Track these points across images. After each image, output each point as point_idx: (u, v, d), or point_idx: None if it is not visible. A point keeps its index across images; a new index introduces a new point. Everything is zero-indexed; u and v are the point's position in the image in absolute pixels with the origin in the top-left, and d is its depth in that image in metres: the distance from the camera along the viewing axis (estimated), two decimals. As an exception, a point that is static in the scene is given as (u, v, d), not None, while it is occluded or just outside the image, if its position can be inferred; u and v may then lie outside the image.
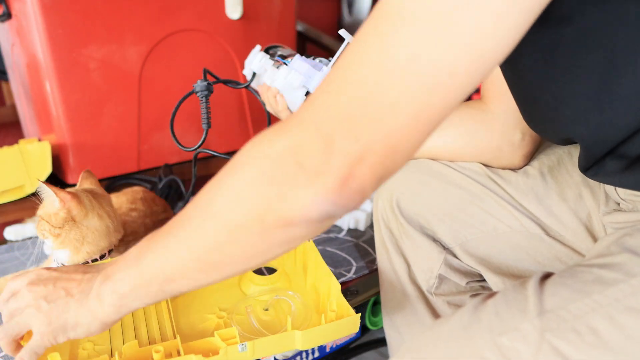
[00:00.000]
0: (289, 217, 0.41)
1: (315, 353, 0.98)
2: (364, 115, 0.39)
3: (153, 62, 1.24)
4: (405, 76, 0.38)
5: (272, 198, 0.41)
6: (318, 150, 0.40)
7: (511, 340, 0.43)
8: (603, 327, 0.42)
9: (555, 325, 0.43)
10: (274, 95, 0.83)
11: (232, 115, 1.42)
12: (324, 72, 0.74)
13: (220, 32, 1.31)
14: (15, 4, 1.14)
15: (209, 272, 0.48)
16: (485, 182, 0.73)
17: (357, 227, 1.21)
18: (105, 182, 1.28)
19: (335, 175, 0.40)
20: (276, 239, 0.44)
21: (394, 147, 0.40)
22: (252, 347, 0.66)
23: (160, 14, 1.21)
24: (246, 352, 0.65)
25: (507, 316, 0.45)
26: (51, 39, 1.10)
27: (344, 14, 2.21)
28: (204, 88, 0.92)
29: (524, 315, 0.44)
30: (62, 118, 1.17)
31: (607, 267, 0.46)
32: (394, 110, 0.39)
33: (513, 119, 0.71)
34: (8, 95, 1.52)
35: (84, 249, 0.80)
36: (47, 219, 0.78)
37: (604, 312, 0.42)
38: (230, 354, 0.65)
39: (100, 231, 0.81)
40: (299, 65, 0.76)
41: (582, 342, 0.41)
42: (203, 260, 0.47)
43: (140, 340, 0.72)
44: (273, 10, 1.39)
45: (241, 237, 0.44)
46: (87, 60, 1.15)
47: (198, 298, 0.82)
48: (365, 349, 1.07)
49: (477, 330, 0.45)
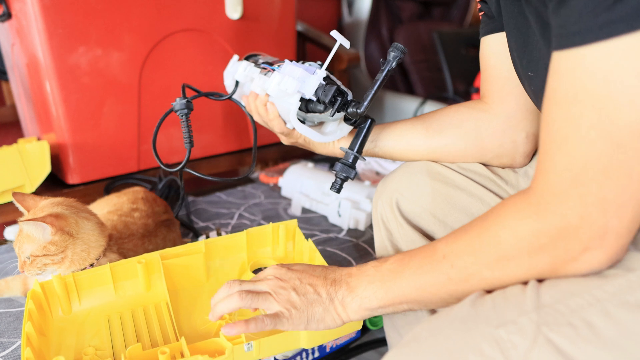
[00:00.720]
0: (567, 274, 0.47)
1: (315, 353, 0.98)
2: (619, 187, 0.42)
3: (153, 62, 1.24)
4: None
5: (553, 264, 0.47)
6: (591, 227, 0.44)
7: (508, 333, 0.44)
8: (599, 321, 0.42)
9: (552, 319, 0.43)
10: (264, 104, 0.78)
11: (232, 116, 1.42)
12: (318, 75, 0.70)
13: (220, 32, 1.31)
14: (15, 4, 1.14)
15: (459, 298, 0.52)
16: (487, 183, 0.73)
17: (357, 227, 1.21)
18: (105, 182, 1.28)
19: (609, 245, 0.44)
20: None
21: None
22: (258, 346, 0.65)
23: (160, 14, 1.21)
24: (252, 352, 0.65)
25: (504, 310, 0.46)
26: (51, 39, 1.10)
27: (344, 14, 2.21)
28: (183, 106, 0.89)
29: (521, 308, 0.45)
30: (62, 118, 1.17)
31: None
32: None
33: (516, 118, 0.71)
34: (8, 95, 1.52)
35: (92, 254, 0.79)
36: (45, 253, 0.75)
37: (600, 307, 0.43)
38: (236, 354, 0.65)
39: (96, 230, 0.81)
40: (291, 70, 0.72)
41: (578, 335, 0.42)
42: (458, 292, 0.52)
43: (143, 343, 0.72)
44: (273, 10, 1.39)
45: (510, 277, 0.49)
46: (87, 60, 1.15)
47: (199, 300, 0.82)
48: (365, 349, 1.07)
49: (474, 323, 0.46)
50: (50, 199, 0.82)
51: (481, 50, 0.74)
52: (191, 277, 0.85)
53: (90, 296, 0.79)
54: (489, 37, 0.72)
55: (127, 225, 0.94)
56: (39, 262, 0.75)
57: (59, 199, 0.83)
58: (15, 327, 0.85)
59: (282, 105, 0.75)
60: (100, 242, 0.81)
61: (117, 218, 0.95)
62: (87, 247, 0.79)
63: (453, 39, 2.14)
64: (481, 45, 0.74)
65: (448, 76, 2.09)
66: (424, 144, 0.77)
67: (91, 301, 0.79)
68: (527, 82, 0.62)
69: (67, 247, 0.76)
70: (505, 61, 0.70)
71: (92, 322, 0.77)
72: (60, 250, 0.75)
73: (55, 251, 0.75)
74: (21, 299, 0.92)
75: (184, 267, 0.83)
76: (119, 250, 0.87)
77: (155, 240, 0.96)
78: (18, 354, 0.78)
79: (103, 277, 0.78)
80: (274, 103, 0.77)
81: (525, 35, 0.58)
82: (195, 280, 0.85)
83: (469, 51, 2.16)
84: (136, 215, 0.97)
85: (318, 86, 0.71)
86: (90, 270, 0.78)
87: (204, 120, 1.37)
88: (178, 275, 0.83)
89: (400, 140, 0.78)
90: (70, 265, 0.78)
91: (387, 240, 0.78)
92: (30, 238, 0.75)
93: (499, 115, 0.72)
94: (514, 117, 0.72)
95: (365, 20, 2.12)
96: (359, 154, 0.75)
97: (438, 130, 0.76)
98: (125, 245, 0.90)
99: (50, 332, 0.74)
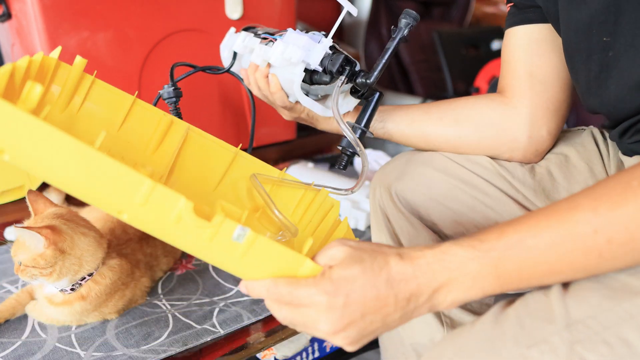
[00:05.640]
0: None
1: (315, 353, 0.98)
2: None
3: (153, 62, 1.24)
4: None
5: None
6: None
7: (540, 354, 0.42)
8: (635, 338, 0.40)
9: (585, 337, 0.41)
10: (265, 76, 0.73)
11: (232, 115, 1.42)
12: (324, 43, 0.66)
13: (221, 32, 1.31)
14: (15, 4, 1.14)
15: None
16: (491, 177, 0.73)
17: (356, 227, 1.21)
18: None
19: None
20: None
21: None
22: (252, 240, 0.47)
23: (160, 14, 1.21)
24: (239, 245, 0.48)
25: (532, 327, 0.43)
26: (51, 39, 1.10)
27: (344, 14, 2.21)
28: (171, 94, 0.82)
29: (551, 326, 0.43)
30: (62, 118, 1.17)
31: (634, 273, 0.44)
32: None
33: (537, 115, 0.71)
34: (8, 95, 1.52)
35: (84, 269, 0.79)
36: (34, 265, 0.73)
37: (635, 323, 0.41)
38: (222, 233, 0.47)
39: (92, 245, 0.80)
40: (295, 39, 0.67)
41: (614, 354, 0.40)
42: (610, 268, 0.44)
43: None
44: (273, 10, 1.39)
45: None
46: (87, 60, 1.15)
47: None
48: (365, 349, 1.07)
49: (503, 343, 0.44)
50: (54, 209, 0.81)
51: (505, 43, 0.73)
52: (203, 172, 0.75)
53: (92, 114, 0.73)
54: (516, 29, 0.71)
55: (125, 229, 0.94)
56: (28, 272, 0.75)
57: (62, 210, 0.82)
58: (15, 327, 0.85)
59: (284, 76, 0.71)
60: (97, 256, 0.80)
61: (117, 221, 0.95)
62: (78, 262, 0.77)
63: (453, 39, 2.14)
64: (506, 37, 0.73)
65: (448, 76, 2.09)
66: (436, 132, 0.75)
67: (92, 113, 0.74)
68: (599, 51, 0.58)
69: (56, 263, 0.75)
70: (531, 55, 0.69)
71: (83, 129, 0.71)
72: (49, 265, 0.74)
73: (44, 265, 0.74)
74: (21, 299, 0.92)
75: (204, 155, 0.75)
76: (118, 254, 0.87)
77: (154, 242, 0.97)
78: (18, 354, 0.78)
79: (121, 101, 0.74)
80: (275, 74, 0.72)
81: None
82: (204, 176, 0.76)
83: (469, 51, 2.16)
84: None
85: (324, 55, 0.67)
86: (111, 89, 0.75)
87: (203, 119, 1.36)
88: (192, 160, 0.75)
89: (412, 125, 0.76)
90: (58, 278, 0.76)
91: (385, 228, 0.78)
92: (24, 246, 0.75)
93: (520, 111, 0.71)
94: (535, 115, 0.71)
95: (365, 20, 2.12)
96: (366, 128, 0.71)
97: (454, 120, 0.74)
98: (123, 250, 0.89)
99: None
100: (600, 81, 0.59)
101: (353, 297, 0.45)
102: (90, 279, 0.81)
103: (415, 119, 0.76)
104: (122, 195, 0.45)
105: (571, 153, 0.73)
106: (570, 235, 0.42)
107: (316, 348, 0.98)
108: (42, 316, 0.85)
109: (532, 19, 0.69)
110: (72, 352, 0.79)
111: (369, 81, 0.66)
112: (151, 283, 0.95)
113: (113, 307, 0.85)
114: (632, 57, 0.54)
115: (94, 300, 0.81)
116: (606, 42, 0.57)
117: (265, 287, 0.48)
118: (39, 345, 0.81)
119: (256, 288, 0.49)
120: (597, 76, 0.60)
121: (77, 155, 0.43)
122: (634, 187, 0.41)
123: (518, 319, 0.45)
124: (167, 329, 0.85)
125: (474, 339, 0.46)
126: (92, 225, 0.83)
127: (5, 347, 0.80)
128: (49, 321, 0.85)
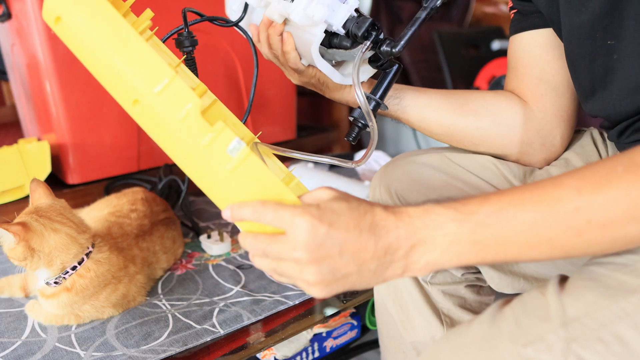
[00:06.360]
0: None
1: (315, 353, 0.98)
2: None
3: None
4: None
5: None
6: None
7: (536, 352, 0.42)
8: (630, 336, 0.40)
9: (581, 335, 0.41)
10: (279, 33, 0.67)
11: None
12: (350, 4, 0.61)
13: (221, 33, 1.31)
14: (15, 4, 1.14)
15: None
16: (492, 178, 0.72)
17: (357, 227, 1.21)
18: (106, 182, 1.28)
19: None
20: None
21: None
22: (244, 157, 0.47)
23: (160, 14, 1.21)
24: (232, 158, 0.47)
25: (529, 325, 0.44)
26: (51, 39, 1.10)
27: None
28: (188, 42, 0.74)
29: (547, 324, 0.43)
30: (62, 118, 1.17)
31: (630, 272, 0.44)
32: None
33: (552, 123, 0.70)
34: (8, 95, 1.52)
35: (57, 263, 0.80)
36: (11, 256, 0.78)
37: (630, 320, 0.41)
38: (221, 139, 0.47)
39: (63, 242, 0.80)
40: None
41: (610, 352, 0.40)
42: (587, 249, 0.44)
43: None
44: None
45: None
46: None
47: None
48: (365, 349, 1.07)
49: (499, 341, 0.44)
50: (33, 205, 0.83)
51: (511, 49, 0.72)
52: None
53: None
54: (522, 35, 0.70)
55: (122, 226, 0.95)
56: (12, 259, 0.79)
57: (42, 204, 0.83)
58: (15, 327, 0.85)
59: (301, 36, 0.65)
60: (70, 251, 0.81)
61: (115, 219, 0.96)
62: (49, 258, 0.79)
63: (453, 39, 2.14)
64: (511, 43, 0.72)
65: (448, 76, 2.09)
66: (451, 120, 0.72)
67: None
68: (603, 55, 0.58)
69: (26, 258, 0.78)
70: (541, 62, 0.69)
71: None
72: (22, 259, 0.78)
73: (17, 257, 0.78)
74: (21, 299, 0.92)
75: None
76: (114, 249, 0.87)
77: (151, 238, 0.97)
78: (18, 353, 0.79)
79: None
80: (291, 33, 0.66)
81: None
82: None
83: (469, 51, 2.16)
84: (133, 216, 0.98)
85: (349, 17, 0.62)
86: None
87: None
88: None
89: (428, 109, 0.73)
90: (35, 269, 0.80)
91: None
92: (2, 239, 0.79)
93: (537, 114, 0.71)
94: (550, 122, 0.70)
95: (365, 20, 2.12)
96: (381, 100, 0.67)
97: (473, 111, 0.72)
98: (119, 245, 0.90)
99: None
100: (604, 84, 0.59)
101: (336, 227, 0.45)
102: (74, 272, 0.82)
103: (432, 103, 0.72)
104: (145, 79, 0.48)
105: (570, 155, 0.73)
106: (551, 210, 0.43)
107: (316, 348, 0.98)
108: (40, 316, 0.86)
109: (538, 24, 0.69)
110: (72, 352, 0.79)
111: (394, 50, 0.61)
112: (148, 280, 0.95)
113: (105, 300, 0.85)
114: (637, 59, 0.55)
115: (80, 292, 0.82)
116: (610, 46, 0.57)
117: (252, 208, 0.47)
118: (39, 345, 0.81)
119: (242, 210, 0.47)
120: (602, 79, 0.60)
121: (122, 34, 0.48)
122: (619, 172, 0.42)
123: (515, 317, 0.45)
124: (167, 329, 0.85)
125: (471, 337, 0.46)
126: (68, 220, 0.83)
127: (5, 347, 0.80)
128: (47, 321, 0.85)
